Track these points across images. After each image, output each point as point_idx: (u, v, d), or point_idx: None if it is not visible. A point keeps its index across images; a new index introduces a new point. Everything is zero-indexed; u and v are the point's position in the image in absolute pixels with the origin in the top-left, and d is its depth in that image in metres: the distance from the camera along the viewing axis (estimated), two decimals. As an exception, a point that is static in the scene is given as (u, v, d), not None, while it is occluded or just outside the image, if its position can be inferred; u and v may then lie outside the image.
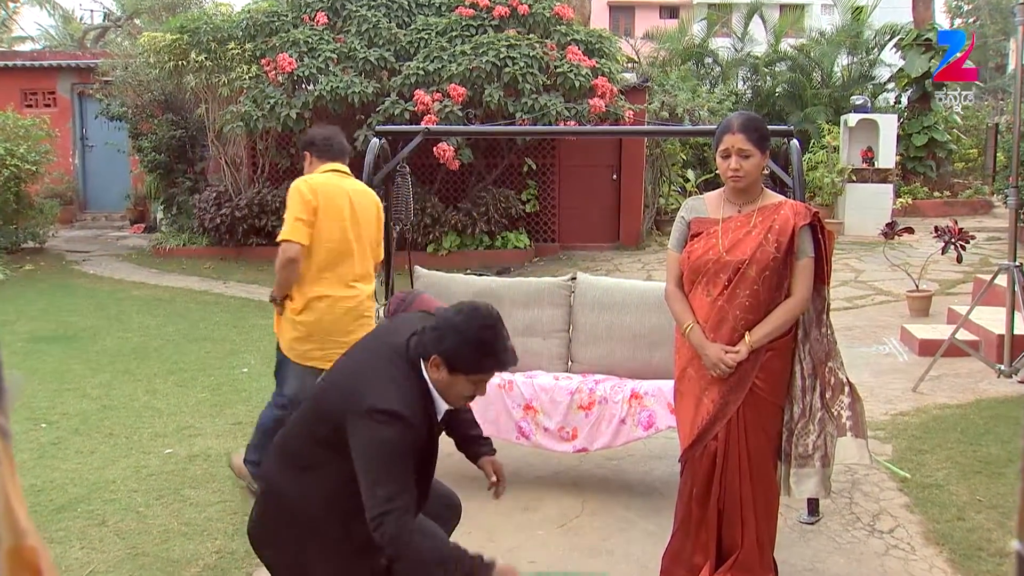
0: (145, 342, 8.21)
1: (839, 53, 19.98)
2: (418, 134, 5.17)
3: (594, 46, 12.53)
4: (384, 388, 2.62)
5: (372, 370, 2.71)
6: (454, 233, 12.96)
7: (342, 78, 11.71)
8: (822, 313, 3.43)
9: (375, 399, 2.57)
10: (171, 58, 12.98)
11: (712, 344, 3.35)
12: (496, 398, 4.66)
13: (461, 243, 13.01)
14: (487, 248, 13.12)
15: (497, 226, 13.08)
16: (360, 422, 2.56)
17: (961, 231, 8.79)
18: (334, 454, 2.63)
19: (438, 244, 12.90)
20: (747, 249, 3.31)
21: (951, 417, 5.90)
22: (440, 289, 5.26)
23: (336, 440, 2.62)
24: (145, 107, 15.06)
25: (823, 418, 3.39)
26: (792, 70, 19.76)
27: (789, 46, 20.72)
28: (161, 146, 14.70)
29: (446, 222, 12.88)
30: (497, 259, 12.95)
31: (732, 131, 3.34)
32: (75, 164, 18.11)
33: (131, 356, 7.68)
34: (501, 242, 13.24)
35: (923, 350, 7.49)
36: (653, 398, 4.48)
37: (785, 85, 19.66)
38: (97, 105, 16.24)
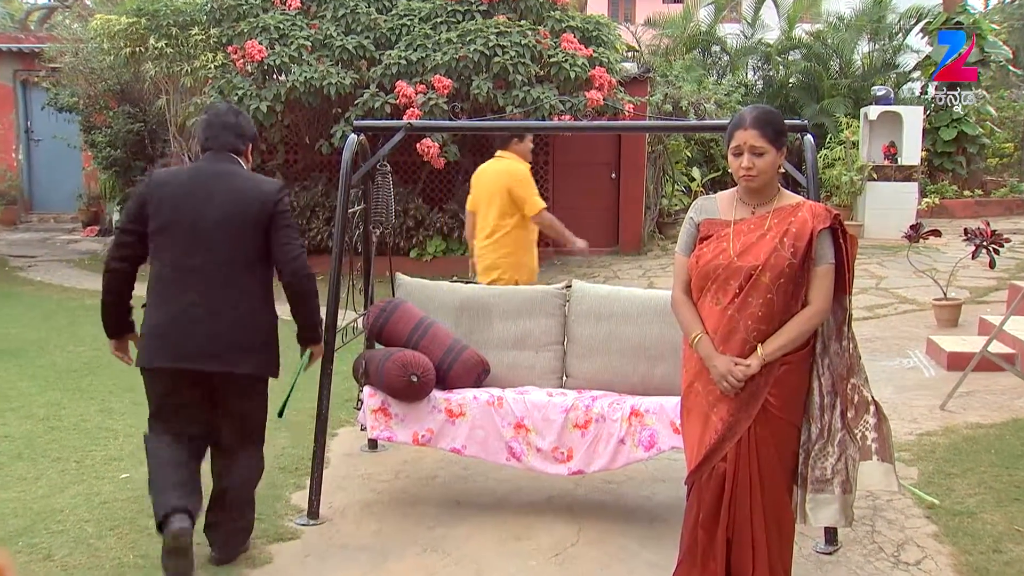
0: (99, 356, 8.15)
1: (859, 39, 20.01)
2: (399, 130, 5.16)
3: (591, 33, 12.55)
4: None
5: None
6: (440, 237, 12.95)
7: (317, 68, 11.70)
8: (843, 325, 3.42)
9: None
10: (127, 44, 12.94)
11: (721, 356, 3.35)
12: (485, 416, 4.66)
13: (447, 248, 12.99)
14: (476, 253, 13.08)
15: (486, 229, 13.05)
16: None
17: (994, 233, 8.79)
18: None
19: (422, 249, 12.89)
20: (760, 254, 3.31)
21: (984, 438, 5.91)
22: (423, 298, 5.28)
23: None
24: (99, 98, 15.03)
25: (844, 439, 3.38)
26: (807, 59, 19.80)
27: (804, 32, 20.76)
28: (117, 141, 14.67)
29: (431, 225, 12.87)
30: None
31: (744, 126, 3.35)
32: (19, 160, 18.05)
33: (83, 372, 7.63)
34: (490, 246, 13.21)
35: (952, 364, 7.51)
36: (655, 416, 4.47)
37: (799, 75, 19.70)
38: (44, 95, 16.18)
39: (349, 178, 4.90)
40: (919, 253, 11.97)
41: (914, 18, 19.50)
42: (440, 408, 4.71)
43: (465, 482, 5.30)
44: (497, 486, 5.22)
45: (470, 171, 13.27)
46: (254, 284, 4.08)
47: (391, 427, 4.73)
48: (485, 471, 5.36)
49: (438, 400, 4.72)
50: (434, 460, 5.57)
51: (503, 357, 5.08)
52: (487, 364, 4.97)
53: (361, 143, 5.15)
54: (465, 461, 5.40)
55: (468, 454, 4.72)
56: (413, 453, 5.64)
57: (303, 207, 12.94)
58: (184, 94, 13.10)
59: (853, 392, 3.39)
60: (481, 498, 5.07)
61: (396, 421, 4.73)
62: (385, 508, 4.92)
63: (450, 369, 4.85)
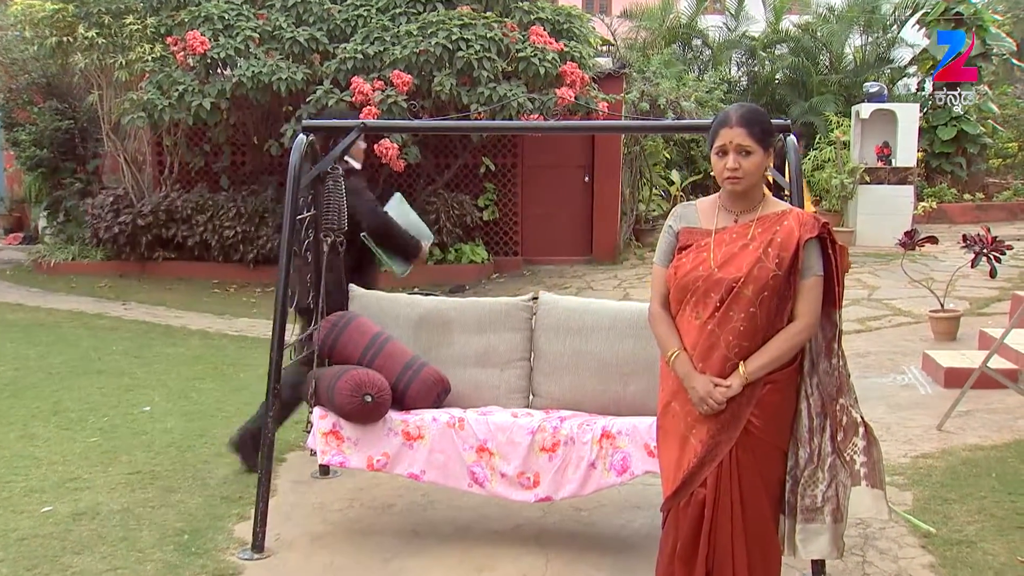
0: (21, 376, 8.07)
1: (851, 32, 20.19)
2: (352, 129, 5.14)
3: (562, 26, 12.61)
4: None
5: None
6: (399, 245, 12.90)
7: (265, 62, 11.67)
8: (832, 341, 3.44)
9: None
10: (54, 32, 12.83)
11: (700, 376, 3.35)
12: (445, 439, 4.65)
13: (407, 257, 12.96)
14: (438, 263, 13.10)
15: (450, 237, 13.08)
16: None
17: (995, 240, 8.80)
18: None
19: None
20: (743, 265, 3.32)
21: (984, 460, 5.94)
22: (379, 311, 5.26)
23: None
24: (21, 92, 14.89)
25: (834, 464, 3.39)
26: (795, 53, 19.98)
27: (792, 24, 20.93)
28: (43, 140, 14.54)
29: (390, 232, 12.83)
30: (450, 275, 12.92)
31: (730, 124, 3.36)
32: (-72, 161, 17.83)
33: (2, 394, 7.55)
34: (454, 256, 13.23)
35: (949, 381, 7.55)
36: (627, 438, 4.47)
37: (787, 71, 19.89)
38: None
39: (298, 182, 4.86)
40: (915, 261, 12.10)
41: (910, 9, 19.65)
42: (396, 430, 4.68)
43: (424, 510, 5.28)
44: (459, 514, 5.21)
45: (432, 174, 13.48)
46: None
47: (343, 451, 4.70)
48: (446, 498, 5.35)
49: (394, 422, 4.70)
50: (391, 487, 5.54)
51: (465, 375, 5.07)
52: (447, 383, 4.95)
53: (311, 144, 5.12)
54: (424, 488, 5.38)
55: (427, 480, 4.69)
56: (368, 479, 5.61)
57: (251, 213, 12.89)
58: (118, 89, 12.99)
59: (842, 413, 3.40)
60: (442, 527, 5.05)
61: (349, 445, 4.70)
62: (337, 539, 4.89)
63: (407, 388, 4.83)
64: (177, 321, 10.65)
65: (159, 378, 8.06)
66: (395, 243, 5.85)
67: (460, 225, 13.20)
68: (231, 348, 9.30)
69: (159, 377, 8.10)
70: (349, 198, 5.39)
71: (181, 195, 13.27)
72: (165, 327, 10.22)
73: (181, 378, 8.07)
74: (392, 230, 5.82)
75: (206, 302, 11.93)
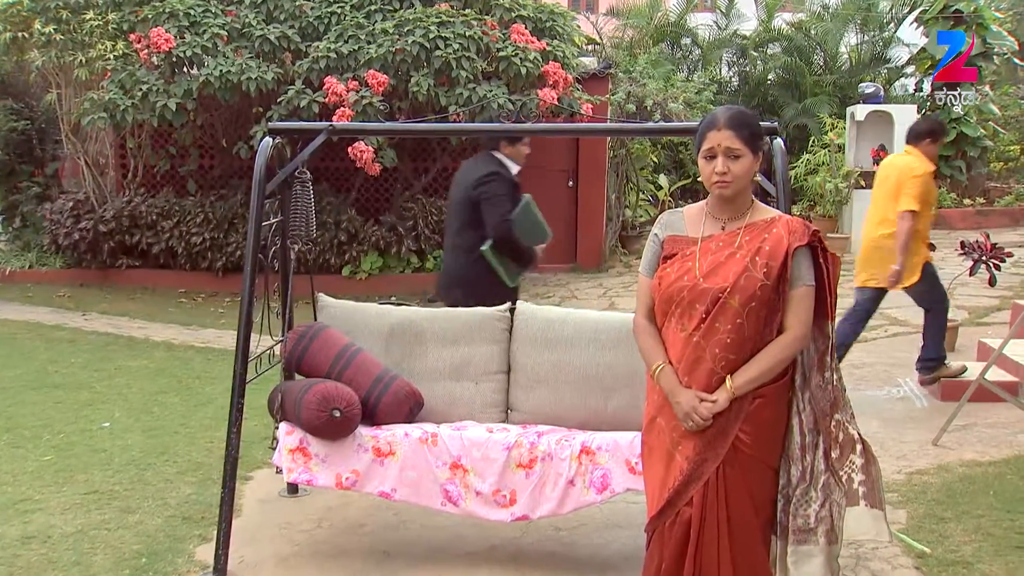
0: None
1: (846, 30, 20.31)
2: (320, 132, 5.13)
3: (545, 24, 12.63)
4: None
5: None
6: (376, 253, 12.92)
7: (234, 61, 11.64)
8: (825, 355, 3.44)
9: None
10: (8, 28, 12.76)
11: (685, 391, 3.35)
12: (417, 455, 4.64)
13: (384, 265, 12.98)
14: (416, 271, 13.10)
15: (428, 244, 13.07)
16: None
17: (995, 247, 8.76)
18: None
19: (356, 266, 12.86)
20: (729, 274, 3.32)
21: (981, 477, 5.96)
22: (349, 322, 5.26)
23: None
24: (-27, 91, 14.79)
25: (828, 483, 3.38)
26: (788, 52, 20.08)
27: (784, 23, 21.05)
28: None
29: (366, 239, 12.84)
30: (428, 284, 12.83)
31: (718, 126, 3.36)
32: None
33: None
34: (433, 263, 13.21)
35: (947, 394, 7.58)
36: (608, 454, 4.47)
37: (779, 71, 19.98)
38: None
39: (263, 187, 4.86)
40: (911, 269, 12.08)
41: (907, 6, 19.73)
42: (366, 447, 4.67)
43: (396, 531, 5.27)
44: (432, 535, 5.19)
45: (410, 178, 13.46)
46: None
47: (311, 469, 4.68)
48: (419, 518, 5.34)
49: (364, 438, 4.68)
50: (362, 506, 5.53)
51: (439, 388, 5.07)
52: (420, 396, 4.95)
53: (278, 147, 5.11)
54: (396, 507, 5.35)
55: (398, 498, 4.68)
56: (338, 498, 5.59)
57: (220, 219, 12.85)
58: (78, 88, 12.92)
59: (838, 429, 3.39)
60: (414, 548, 5.04)
61: (316, 462, 4.68)
62: (305, 561, 4.87)
63: (378, 402, 4.82)
64: (140, 332, 10.59)
65: (120, 392, 8.01)
66: (514, 254, 5.97)
67: (439, 231, 13.16)
68: (197, 360, 9.25)
69: (120, 391, 8.05)
70: (484, 205, 5.86)
71: (146, 200, 13.21)
72: (128, 339, 10.15)
73: (143, 392, 8.02)
74: (514, 242, 5.92)
75: (172, 312, 11.87)
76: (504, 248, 5.85)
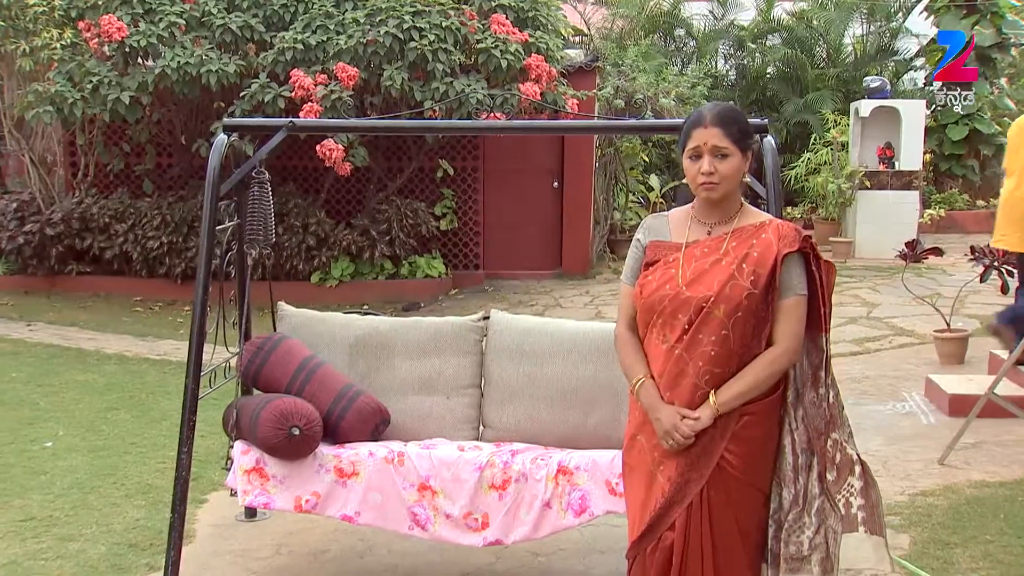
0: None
1: (850, 20, 20.35)
2: (279, 129, 5.11)
3: (527, 14, 12.62)
4: None
5: None
6: (347, 258, 12.90)
7: (193, 52, 11.59)
8: (819, 369, 3.43)
9: None
10: (-60, 13, 12.66)
11: (666, 407, 3.35)
12: (383, 476, 4.63)
13: (356, 271, 12.95)
14: (390, 277, 13.09)
15: (403, 248, 13.06)
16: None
17: (1007, 252, 8.81)
18: None
19: (326, 273, 12.83)
20: (713, 283, 3.31)
21: (991, 499, 5.96)
22: (311, 332, 5.26)
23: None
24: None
25: (823, 508, 3.37)
26: (788, 44, 20.13)
27: (785, 12, 21.10)
28: (-68, 138, 14.35)
29: (336, 244, 12.81)
30: (403, 291, 12.90)
31: (704, 124, 3.38)
32: None
33: None
34: (408, 269, 13.20)
35: (955, 409, 7.58)
36: (587, 474, 4.47)
37: (779, 64, 20.01)
38: None
39: (217, 188, 4.86)
40: (920, 275, 12.16)
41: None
42: (328, 467, 4.66)
43: (361, 557, 5.26)
44: (400, 561, 5.19)
45: (384, 178, 13.42)
46: None
47: (268, 491, 4.67)
48: (385, 543, 5.33)
49: (326, 457, 4.67)
50: (324, 531, 5.51)
51: (407, 404, 5.08)
52: (387, 413, 4.95)
53: (235, 146, 5.09)
54: (361, 531, 5.34)
55: (363, 522, 4.67)
56: (299, 523, 5.57)
57: (178, 221, 12.80)
58: (22, 79, 12.82)
59: (835, 449, 3.39)
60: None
61: (274, 484, 4.66)
62: (261, 592, 4.84)
63: (341, 419, 4.82)
64: (91, 344, 10.54)
65: (66, 409, 7.97)
66: None
67: (414, 235, 13.16)
68: (152, 374, 9.21)
69: (66, 408, 8.00)
70: None
71: (97, 201, 13.15)
72: (76, 351, 10.10)
73: (91, 409, 7.98)
74: None
75: (126, 322, 11.82)
76: None
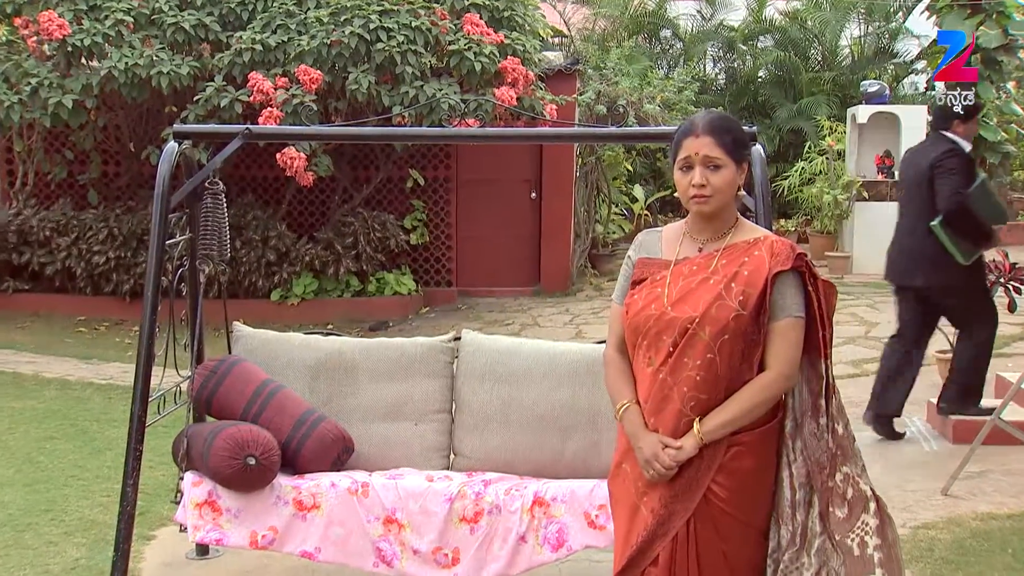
0: None
1: (847, 21, 20.50)
2: (235, 136, 5.12)
3: (502, 13, 12.66)
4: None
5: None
6: (310, 274, 12.89)
7: (143, 52, 11.57)
8: (819, 397, 3.40)
9: None
10: None
11: (648, 434, 3.35)
12: (345, 509, 4.62)
13: (320, 288, 12.95)
14: (356, 294, 13.10)
15: (370, 264, 13.07)
16: None
17: (1015, 267, 8.76)
18: None
19: (287, 290, 12.81)
20: (699, 303, 3.31)
21: (998, 532, 5.96)
22: (269, 354, 5.25)
23: None
24: None
25: (824, 547, 3.34)
26: (781, 46, 20.26)
27: (777, 12, 21.25)
28: None
29: (298, 259, 12.80)
30: (370, 310, 12.92)
31: (696, 133, 3.38)
32: None
33: None
34: (376, 286, 13.20)
35: (959, 435, 7.60)
36: (564, 505, 4.48)
37: (771, 67, 20.16)
38: None
39: (167, 199, 4.87)
40: (921, 293, 12.13)
41: (918, -8, 19.92)
42: (287, 499, 4.65)
43: (323, 597, 5.23)
44: (364, 600, 5.14)
45: (349, 189, 13.41)
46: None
47: (221, 526, 4.65)
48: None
49: (284, 489, 4.66)
50: (283, 568, 5.48)
51: (372, 431, 5.07)
52: (350, 440, 4.94)
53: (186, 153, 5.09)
54: (323, 569, 5.31)
55: (323, 559, 4.66)
56: (255, 560, 5.53)
57: (127, 235, 12.77)
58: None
59: (846, 484, 3.36)
60: (343, 618, 5.00)
61: (228, 518, 4.65)
62: (214, 635, 4.82)
63: (301, 447, 4.81)
64: (29, 367, 10.48)
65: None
66: (965, 229, 7.04)
67: (382, 250, 13.16)
68: (96, 400, 9.16)
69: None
70: (938, 181, 7.07)
71: (37, 213, 13.11)
72: (12, 375, 10.02)
73: (28, 438, 7.91)
74: (966, 214, 6.96)
75: (68, 343, 11.77)
76: (955, 223, 6.91)
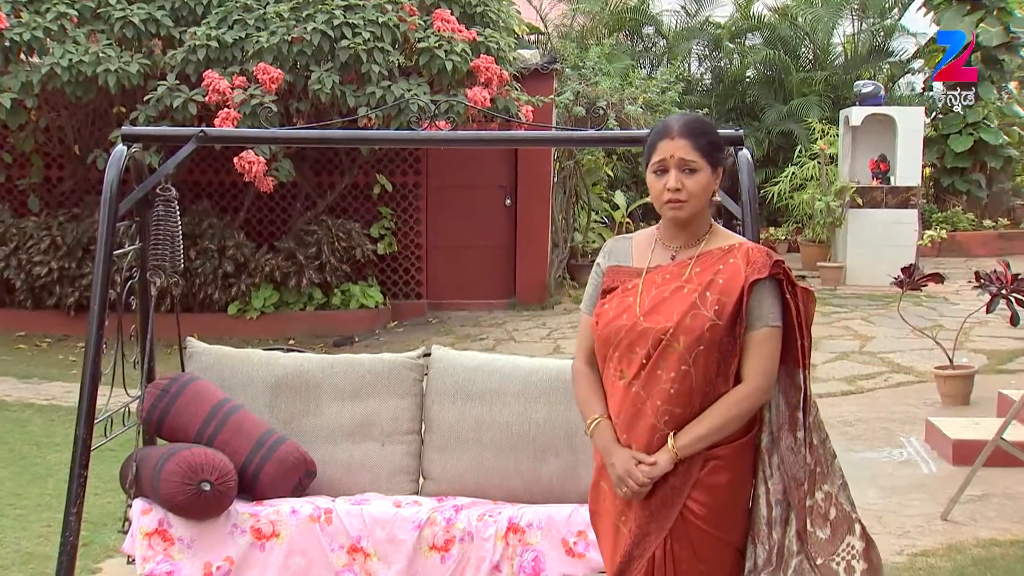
0: None
1: (840, 18, 20.62)
2: (189, 139, 5.09)
3: (475, 9, 12.68)
4: None
5: None
6: (270, 286, 12.86)
7: (88, 48, 11.52)
8: (797, 410, 3.43)
9: None
10: None
11: (621, 450, 3.37)
12: (307, 537, 4.61)
13: (280, 301, 12.93)
14: (319, 308, 13.08)
15: (335, 275, 13.06)
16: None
17: (1016, 278, 8.78)
18: None
19: (245, 303, 12.78)
20: (673, 312, 3.34)
21: (1001, 560, 5.97)
22: (226, 371, 5.23)
23: None
24: None
25: (801, 568, 3.37)
26: (770, 44, 20.36)
27: (766, 8, 21.36)
28: None
29: (257, 270, 12.77)
30: (334, 324, 12.90)
31: (670, 135, 3.41)
32: None
33: None
34: (341, 299, 13.19)
35: (959, 456, 7.63)
36: (540, 532, 4.48)
37: (760, 66, 20.26)
38: None
39: (115, 206, 4.83)
40: (919, 305, 12.24)
41: (914, -12, 20.01)
42: (244, 527, 4.63)
43: (283, 633, 5.17)
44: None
45: (312, 195, 13.40)
46: None
47: (172, 557, 4.62)
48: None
49: (241, 516, 4.65)
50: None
51: (336, 453, 5.06)
52: (312, 464, 4.94)
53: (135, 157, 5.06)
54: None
55: (283, 592, 4.64)
56: (211, 593, 5.48)
57: (71, 244, 12.72)
58: None
59: (827, 503, 3.39)
60: (305, 655, 4.95)
61: (180, 548, 4.62)
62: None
63: (260, 471, 4.80)
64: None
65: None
66: None
67: (348, 260, 13.15)
68: (37, 422, 9.10)
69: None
70: None
71: (-23, 220, 13.05)
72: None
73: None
74: None
75: (6, 361, 11.71)
76: None
